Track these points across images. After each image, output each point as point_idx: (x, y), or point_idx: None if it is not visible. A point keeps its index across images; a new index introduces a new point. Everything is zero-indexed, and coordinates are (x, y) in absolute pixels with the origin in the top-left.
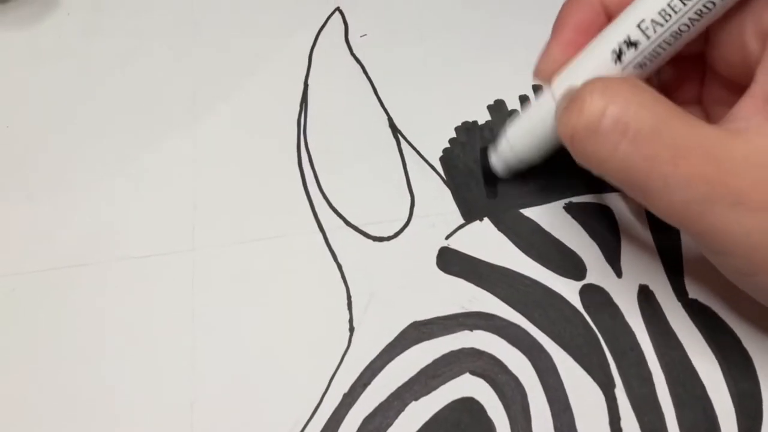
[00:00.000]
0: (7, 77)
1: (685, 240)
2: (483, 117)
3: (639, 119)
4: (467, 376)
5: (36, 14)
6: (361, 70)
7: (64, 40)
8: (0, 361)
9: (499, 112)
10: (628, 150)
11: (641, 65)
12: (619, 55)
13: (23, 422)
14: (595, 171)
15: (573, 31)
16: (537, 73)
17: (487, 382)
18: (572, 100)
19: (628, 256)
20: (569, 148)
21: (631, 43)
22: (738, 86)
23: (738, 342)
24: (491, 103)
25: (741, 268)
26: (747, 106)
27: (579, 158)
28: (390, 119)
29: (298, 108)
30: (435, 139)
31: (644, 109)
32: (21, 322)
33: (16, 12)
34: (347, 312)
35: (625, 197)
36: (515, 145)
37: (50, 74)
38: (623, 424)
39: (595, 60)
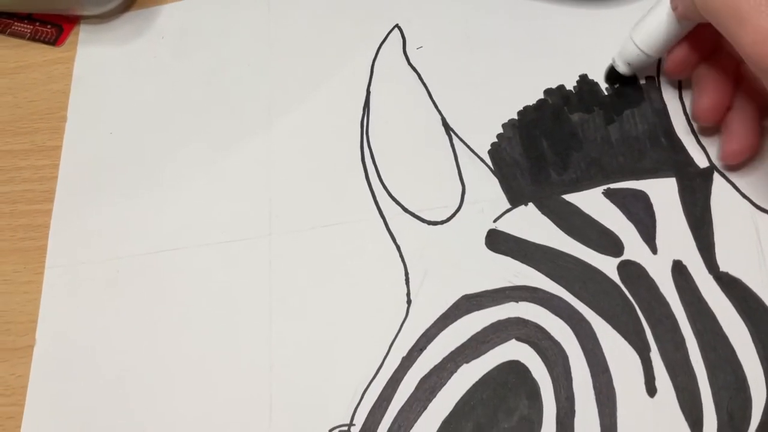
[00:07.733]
0: (110, 90)
1: (716, 217)
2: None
3: None
4: (514, 342)
5: (133, 33)
6: (417, 78)
7: (158, 58)
8: (105, 332)
9: (542, 111)
10: None
11: None
12: None
13: (125, 387)
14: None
15: None
16: None
17: (532, 347)
18: None
19: (662, 234)
20: None
21: None
22: None
23: (766, 309)
24: (534, 102)
25: None
26: None
27: None
28: (443, 119)
29: (361, 111)
30: (483, 135)
31: None
32: (123, 298)
33: (115, 31)
34: (405, 287)
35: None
36: (641, 42)
37: (146, 87)
38: (658, 384)
39: None
